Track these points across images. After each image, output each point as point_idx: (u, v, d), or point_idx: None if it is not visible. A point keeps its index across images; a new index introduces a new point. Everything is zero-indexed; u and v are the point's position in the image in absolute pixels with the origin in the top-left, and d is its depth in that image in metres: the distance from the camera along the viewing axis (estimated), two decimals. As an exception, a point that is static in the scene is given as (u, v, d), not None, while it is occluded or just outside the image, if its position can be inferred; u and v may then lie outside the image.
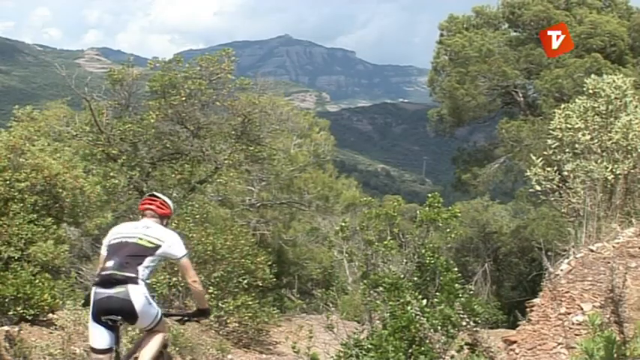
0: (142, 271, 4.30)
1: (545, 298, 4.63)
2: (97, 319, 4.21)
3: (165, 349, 4.66)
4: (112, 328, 4.24)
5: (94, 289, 4.25)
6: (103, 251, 4.51)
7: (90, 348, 4.32)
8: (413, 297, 5.26)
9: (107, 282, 4.21)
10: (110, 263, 4.27)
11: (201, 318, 5.06)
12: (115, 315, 4.19)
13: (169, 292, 10.02)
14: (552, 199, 6.25)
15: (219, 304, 9.89)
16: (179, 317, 5.22)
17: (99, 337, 4.22)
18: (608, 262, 4.52)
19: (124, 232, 4.56)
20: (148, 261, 4.37)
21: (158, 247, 4.43)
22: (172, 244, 4.50)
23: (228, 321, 9.97)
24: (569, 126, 6.27)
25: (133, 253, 4.36)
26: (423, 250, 6.54)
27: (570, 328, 4.12)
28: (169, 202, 4.82)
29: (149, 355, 4.38)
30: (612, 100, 6.29)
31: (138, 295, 4.21)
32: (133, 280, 4.23)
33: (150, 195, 4.85)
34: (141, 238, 4.44)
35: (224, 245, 10.31)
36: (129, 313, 4.20)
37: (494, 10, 20.52)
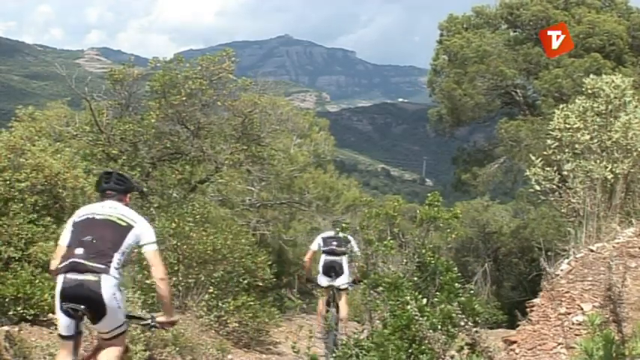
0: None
1: (545, 298, 4.63)
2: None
3: None
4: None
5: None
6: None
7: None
8: (413, 297, 5.27)
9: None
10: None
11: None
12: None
13: (169, 292, 10.02)
14: (552, 199, 6.25)
15: (219, 304, 9.90)
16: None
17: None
18: (608, 262, 4.52)
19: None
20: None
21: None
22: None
23: (228, 321, 9.96)
24: (568, 126, 6.27)
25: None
26: (423, 250, 6.54)
27: (570, 328, 4.13)
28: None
29: None
30: (612, 99, 6.29)
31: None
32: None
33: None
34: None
35: (224, 245, 10.31)
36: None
37: (494, 10, 20.51)
